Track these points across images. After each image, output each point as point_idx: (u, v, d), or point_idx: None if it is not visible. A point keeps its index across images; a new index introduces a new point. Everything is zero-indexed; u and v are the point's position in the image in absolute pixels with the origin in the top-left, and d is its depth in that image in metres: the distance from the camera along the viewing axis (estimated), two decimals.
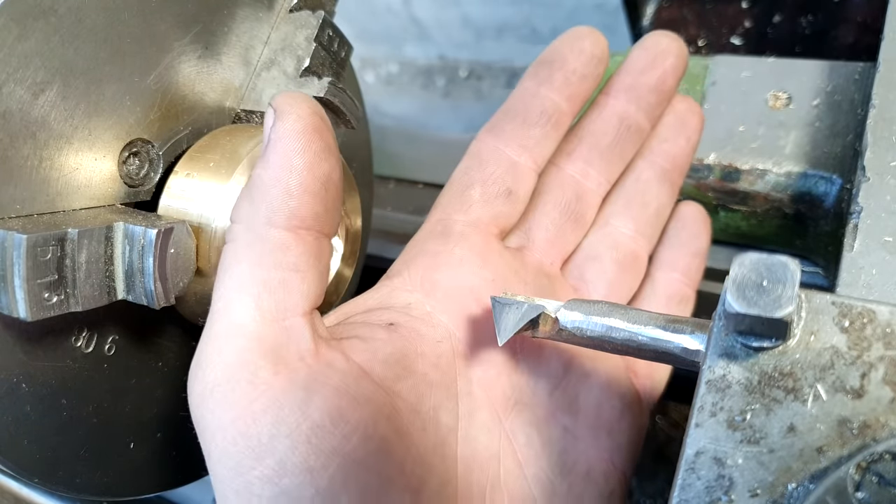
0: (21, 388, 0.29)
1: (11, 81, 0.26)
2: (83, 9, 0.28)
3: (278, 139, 0.27)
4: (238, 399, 0.26)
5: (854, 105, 0.41)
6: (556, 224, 0.38)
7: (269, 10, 0.35)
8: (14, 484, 0.36)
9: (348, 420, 0.27)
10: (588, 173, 0.38)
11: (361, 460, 0.26)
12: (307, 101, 0.28)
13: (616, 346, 0.30)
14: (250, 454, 0.26)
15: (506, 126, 0.37)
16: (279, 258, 0.27)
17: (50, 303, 0.27)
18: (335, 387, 0.27)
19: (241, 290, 0.27)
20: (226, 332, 0.27)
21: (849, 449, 0.22)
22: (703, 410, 0.24)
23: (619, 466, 0.35)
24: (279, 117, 0.28)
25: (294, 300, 0.28)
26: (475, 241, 0.35)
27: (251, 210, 0.28)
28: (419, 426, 0.29)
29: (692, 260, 0.40)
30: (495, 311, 0.32)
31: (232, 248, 0.28)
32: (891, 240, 0.32)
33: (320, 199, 0.28)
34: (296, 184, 0.27)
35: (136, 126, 0.31)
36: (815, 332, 0.24)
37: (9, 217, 0.27)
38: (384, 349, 0.30)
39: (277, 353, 0.27)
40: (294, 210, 0.27)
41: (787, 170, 0.41)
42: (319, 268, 0.29)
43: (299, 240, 0.28)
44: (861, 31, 0.52)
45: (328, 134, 0.28)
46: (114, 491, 0.34)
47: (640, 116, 0.38)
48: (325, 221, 0.29)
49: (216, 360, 0.27)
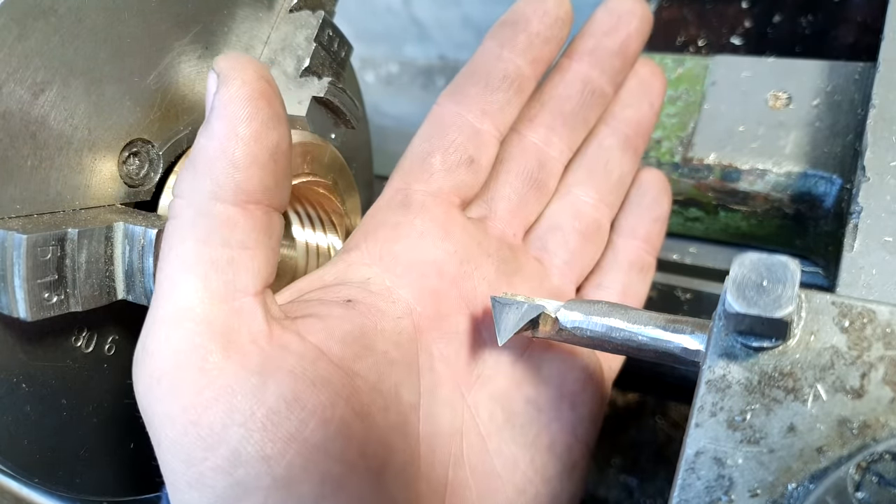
0: (21, 388, 0.29)
1: (11, 81, 0.26)
2: (83, 9, 0.28)
3: (222, 106, 0.26)
4: (188, 387, 0.25)
5: (854, 105, 0.41)
6: (519, 193, 0.36)
7: (269, 10, 0.35)
8: (14, 484, 0.36)
9: (305, 404, 0.26)
10: (551, 140, 0.37)
11: (320, 445, 0.25)
12: (253, 65, 0.26)
13: (616, 346, 0.30)
14: (202, 444, 0.25)
15: (467, 90, 0.35)
16: (226, 235, 0.26)
17: (50, 303, 0.27)
18: (290, 370, 0.26)
19: (186, 271, 0.26)
20: (172, 317, 0.25)
21: (849, 449, 0.22)
22: (703, 410, 0.24)
23: (581, 438, 0.35)
24: (223, 82, 0.26)
25: (244, 280, 0.26)
26: (436, 213, 0.34)
27: (195, 184, 0.26)
28: (380, 406, 0.28)
29: (653, 226, 0.40)
30: (495, 311, 0.32)
31: (175, 225, 0.26)
32: (891, 240, 0.32)
33: (269, 171, 0.26)
34: (242, 155, 0.26)
35: (136, 126, 0.31)
36: (815, 332, 0.24)
37: (9, 217, 0.27)
38: (342, 327, 0.29)
39: (228, 337, 0.26)
40: (241, 183, 0.26)
41: (787, 170, 0.41)
42: (270, 244, 0.27)
43: (248, 215, 0.26)
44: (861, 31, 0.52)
45: (276, 100, 0.26)
46: (114, 491, 0.34)
47: (604, 81, 0.37)
48: (274, 195, 0.27)
49: (163, 346, 0.25)
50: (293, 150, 0.33)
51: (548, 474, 0.34)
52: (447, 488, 0.31)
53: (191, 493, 0.25)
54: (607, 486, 0.45)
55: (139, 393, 0.26)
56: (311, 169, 0.35)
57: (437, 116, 0.35)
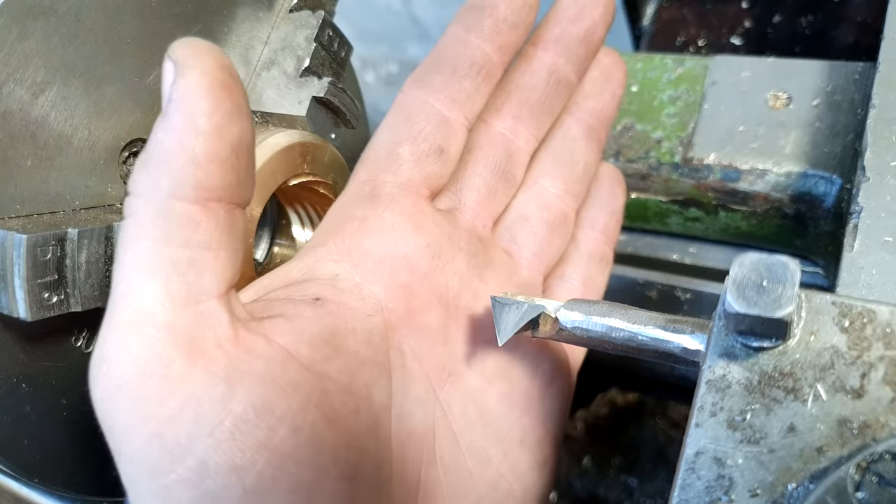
0: (21, 388, 0.29)
1: (11, 81, 0.26)
2: (83, 9, 0.28)
3: (181, 98, 0.24)
4: (151, 396, 0.24)
5: (854, 105, 0.41)
6: (488, 184, 0.36)
7: (269, 10, 0.35)
8: (14, 484, 0.36)
9: (274, 411, 0.25)
10: (517, 130, 0.36)
11: (290, 453, 0.25)
12: (213, 52, 0.24)
13: (616, 346, 0.30)
14: (167, 456, 0.23)
15: (434, 77, 0.34)
16: (187, 235, 0.24)
17: (50, 303, 0.27)
18: (259, 375, 0.25)
19: (145, 273, 0.24)
20: (131, 321, 0.24)
21: (849, 449, 0.22)
22: (703, 410, 0.24)
23: (551, 432, 0.35)
24: (181, 72, 0.24)
25: (207, 282, 0.25)
26: (406, 205, 0.33)
27: (152, 181, 0.24)
28: (351, 408, 0.27)
29: (609, 219, 0.40)
30: (495, 311, 0.32)
31: (132, 224, 0.25)
32: (891, 240, 0.32)
33: (231, 166, 0.25)
34: (202, 150, 0.24)
35: (136, 126, 0.31)
36: (815, 332, 0.24)
37: (9, 217, 0.27)
38: (310, 328, 0.28)
39: (192, 343, 0.24)
40: (201, 181, 0.24)
41: (787, 170, 0.41)
42: (233, 244, 0.26)
43: (209, 213, 0.25)
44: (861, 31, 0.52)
45: (238, 91, 0.25)
46: (114, 491, 0.34)
47: (569, 70, 0.37)
48: (237, 191, 0.25)
49: (122, 353, 0.24)
50: (293, 150, 0.33)
51: (519, 469, 0.34)
52: (419, 488, 0.30)
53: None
54: (607, 486, 0.45)
55: (97, 401, 0.25)
56: (311, 169, 0.35)
57: (403, 105, 0.34)
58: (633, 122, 0.46)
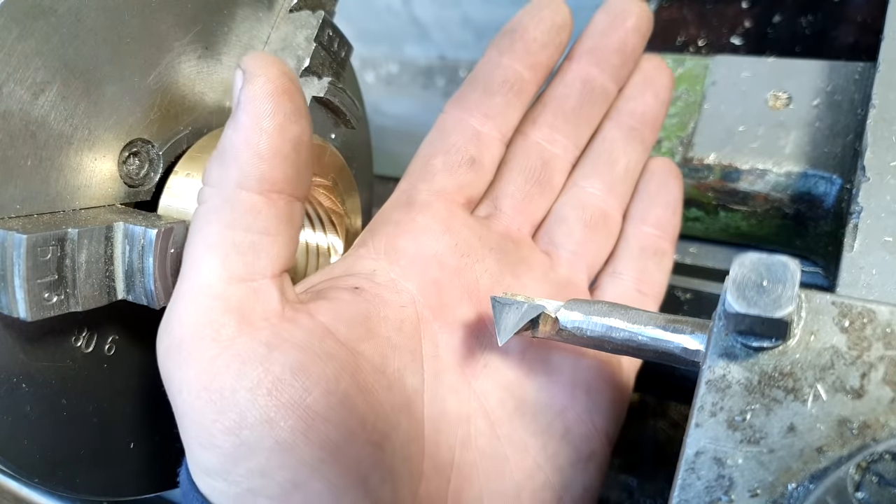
0: (21, 388, 0.29)
1: (11, 81, 0.26)
2: (83, 9, 0.28)
3: (248, 101, 0.27)
4: (202, 354, 0.27)
5: (854, 105, 0.41)
6: (522, 190, 0.38)
7: (269, 10, 0.35)
8: (14, 484, 0.36)
9: (310, 374, 0.27)
10: (554, 139, 0.38)
11: (321, 413, 0.27)
12: (277, 63, 0.28)
13: (616, 346, 0.30)
14: (213, 407, 0.26)
15: (469, 96, 0.37)
16: (249, 221, 0.28)
17: (50, 303, 0.27)
18: (298, 343, 0.28)
19: (209, 251, 0.27)
20: (192, 292, 0.27)
21: (849, 449, 0.22)
22: (703, 410, 0.24)
23: (600, 427, 0.35)
24: (248, 79, 0.27)
25: (263, 263, 0.28)
26: (438, 209, 0.35)
27: (221, 173, 0.28)
28: (384, 385, 0.30)
29: (663, 211, 0.40)
30: (495, 311, 0.32)
31: (203, 210, 0.28)
32: (891, 240, 0.32)
33: (291, 162, 0.28)
34: (266, 147, 0.27)
35: (136, 126, 0.31)
36: (815, 332, 0.24)
37: (9, 217, 0.27)
38: (348, 310, 0.31)
39: (242, 313, 0.27)
40: (265, 173, 0.27)
41: (787, 170, 0.41)
42: (290, 232, 0.29)
43: (270, 203, 0.28)
44: (861, 31, 0.52)
45: (298, 96, 0.28)
46: (114, 491, 0.34)
47: (605, 78, 0.39)
48: (296, 185, 0.29)
49: (183, 317, 0.27)
50: None
51: (560, 462, 0.34)
52: (453, 469, 0.32)
53: (202, 453, 0.27)
54: (607, 486, 0.45)
55: (160, 358, 0.28)
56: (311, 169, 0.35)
57: (441, 122, 0.37)
58: None
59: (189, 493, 0.28)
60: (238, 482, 0.27)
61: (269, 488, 0.27)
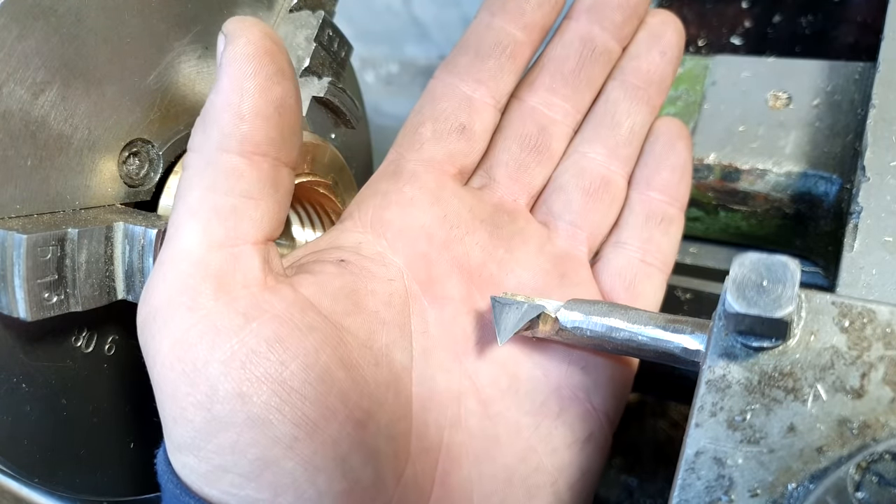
0: (21, 388, 0.29)
1: (11, 81, 0.26)
2: (83, 9, 0.28)
3: (229, 63, 0.27)
4: (177, 324, 0.26)
5: (854, 105, 0.41)
6: (517, 159, 0.36)
7: (269, 10, 0.35)
8: (14, 484, 0.36)
9: (287, 347, 0.26)
10: (552, 102, 0.36)
11: (298, 388, 0.26)
12: (258, 25, 0.27)
13: (616, 346, 0.30)
14: (185, 380, 0.26)
15: (459, 60, 0.35)
16: (231, 184, 0.27)
17: (50, 303, 0.27)
18: (277, 314, 0.27)
19: (190, 216, 0.27)
20: (171, 258, 0.26)
21: (849, 449, 0.22)
22: (703, 410, 0.24)
23: (598, 407, 0.34)
24: (229, 41, 0.27)
25: (245, 228, 0.27)
26: (426, 180, 0.34)
27: (203, 136, 0.27)
28: (370, 361, 0.29)
29: (670, 175, 0.37)
30: (495, 310, 0.32)
31: (186, 176, 0.27)
32: (891, 240, 0.32)
33: (274, 123, 0.27)
34: (247, 107, 0.26)
35: (136, 126, 0.31)
36: (815, 332, 0.24)
37: (9, 217, 0.27)
38: (333, 283, 0.30)
39: (221, 280, 0.26)
40: (246, 134, 0.27)
41: (787, 170, 0.41)
42: (277, 197, 0.28)
43: (253, 166, 0.27)
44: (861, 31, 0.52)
45: (281, 57, 0.27)
46: (114, 491, 0.34)
47: (607, 37, 0.36)
48: (281, 147, 0.28)
49: (160, 285, 0.26)
50: None
51: (553, 444, 0.33)
52: (441, 450, 0.31)
53: (175, 427, 0.26)
54: (607, 486, 0.45)
55: (138, 328, 0.27)
56: (311, 169, 0.35)
57: (431, 88, 0.36)
58: None
59: (163, 471, 0.27)
60: (209, 458, 0.26)
61: (239, 465, 0.26)
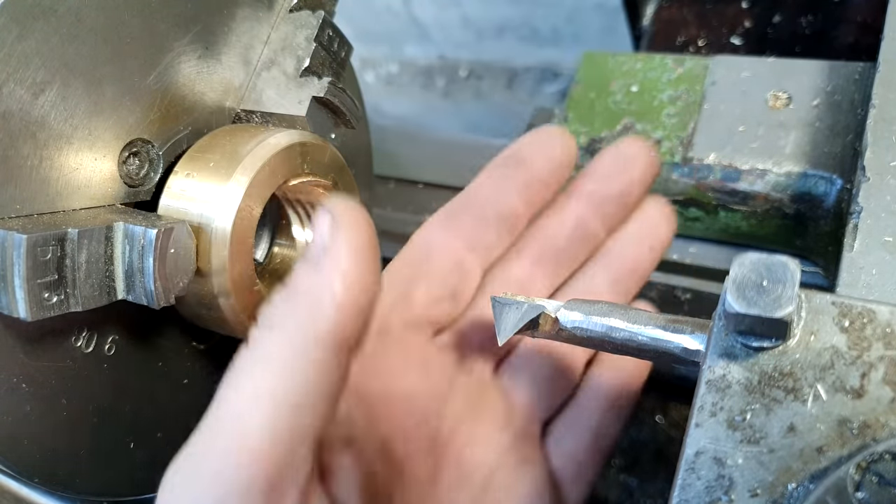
0: (21, 388, 0.29)
1: (11, 81, 0.26)
2: (83, 9, 0.28)
3: (333, 249, 0.26)
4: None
5: (854, 105, 0.41)
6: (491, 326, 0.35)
7: (269, 10, 0.35)
8: (14, 484, 0.36)
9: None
10: (534, 275, 0.37)
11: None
12: (362, 212, 0.27)
13: (616, 346, 0.30)
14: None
15: (461, 219, 0.35)
16: (314, 379, 0.25)
17: (50, 303, 0.27)
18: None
19: (257, 403, 0.25)
20: (232, 448, 0.24)
21: (849, 449, 0.22)
22: (703, 410, 0.24)
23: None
24: (337, 227, 0.26)
25: (307, 425, 0.25)
26: (413, 345, 0.34)
27: (293, 319, 0.26)
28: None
29: (625, 365, 0.38)
30: (495, 311, 0.32)
31: (259, 354, 0.25)
32: (891, 240, 0.32)
33: (364, 317, 0.26)
34: (350, 301, 0.26)
35: (136, 126, 0.31)
36: (815, 332, 0.24)
37: (9, 217, 0.27)
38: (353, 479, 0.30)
39: (277, 486, 0.25)
40: (340, 327, 0.26)
41: (787, 170, 0.41)
42: (340, 385, 0.27)
43: (337, 362, 0.26)
44: (861, 31, 0.52)
45: (377, 249, 0.27)
46: (114, 491, 0.34)
47: (597, 225, 0.37)
48: (361, 338, 0.27)
49: (214, 476, 0.24)
50: (293, 150, 0.33)
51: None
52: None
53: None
54: (607, 486, 0.45)
55: (162, 485, 0.25)
56: (311, 169, 0.35)
57: (426, 240, 0.35)
58: (633, 122, 0.46)
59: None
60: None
61: None
